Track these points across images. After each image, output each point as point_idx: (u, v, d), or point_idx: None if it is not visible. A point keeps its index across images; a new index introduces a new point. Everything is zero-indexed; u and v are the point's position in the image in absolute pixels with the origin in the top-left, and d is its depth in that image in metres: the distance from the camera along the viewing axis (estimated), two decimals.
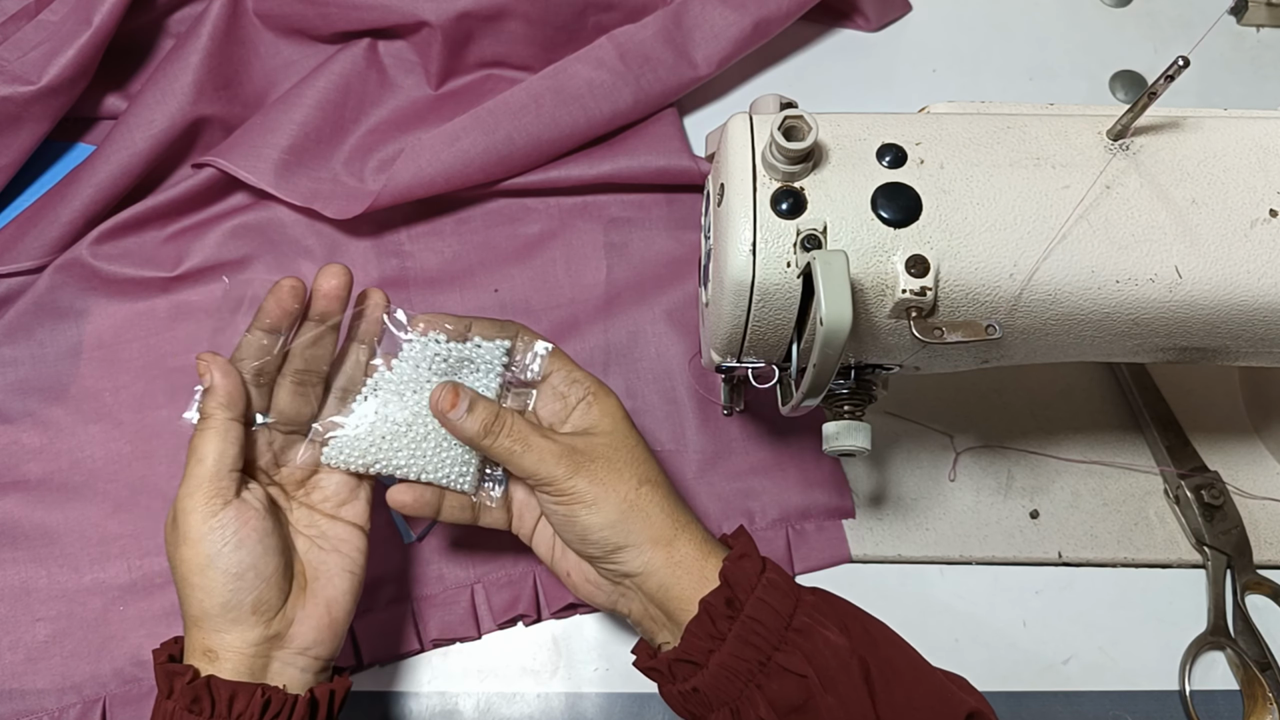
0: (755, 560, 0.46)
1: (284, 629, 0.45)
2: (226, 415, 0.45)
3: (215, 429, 0.44)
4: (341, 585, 0.47)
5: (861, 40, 0.75)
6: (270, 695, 0.43)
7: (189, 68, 0.62)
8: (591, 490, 0.46)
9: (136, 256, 0.61)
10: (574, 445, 0.47)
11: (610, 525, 0.46)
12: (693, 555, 0.46)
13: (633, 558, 0.46)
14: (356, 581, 0.48)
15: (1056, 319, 0.44)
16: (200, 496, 0.43)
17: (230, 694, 0.42)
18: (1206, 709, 0.56)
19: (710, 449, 0.61)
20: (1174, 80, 0.39)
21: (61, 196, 0.60)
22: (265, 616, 0.44)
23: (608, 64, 0.64)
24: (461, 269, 0.64)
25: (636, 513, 0.46)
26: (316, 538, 0.48)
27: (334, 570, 0.47)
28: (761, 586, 0.44)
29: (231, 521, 0.43)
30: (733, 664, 0.43)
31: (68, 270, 0.60)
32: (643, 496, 0.47)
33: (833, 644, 0.43)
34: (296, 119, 0.63)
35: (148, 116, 0.61)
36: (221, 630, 0.44)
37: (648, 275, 0.65)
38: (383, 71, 0.67)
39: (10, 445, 0.58)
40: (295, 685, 0.45)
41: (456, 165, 0.62)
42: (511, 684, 0.56)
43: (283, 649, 0.45)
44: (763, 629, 0.43)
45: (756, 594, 0.44)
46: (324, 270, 0.48)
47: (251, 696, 0.42)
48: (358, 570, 0.48)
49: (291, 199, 0.61)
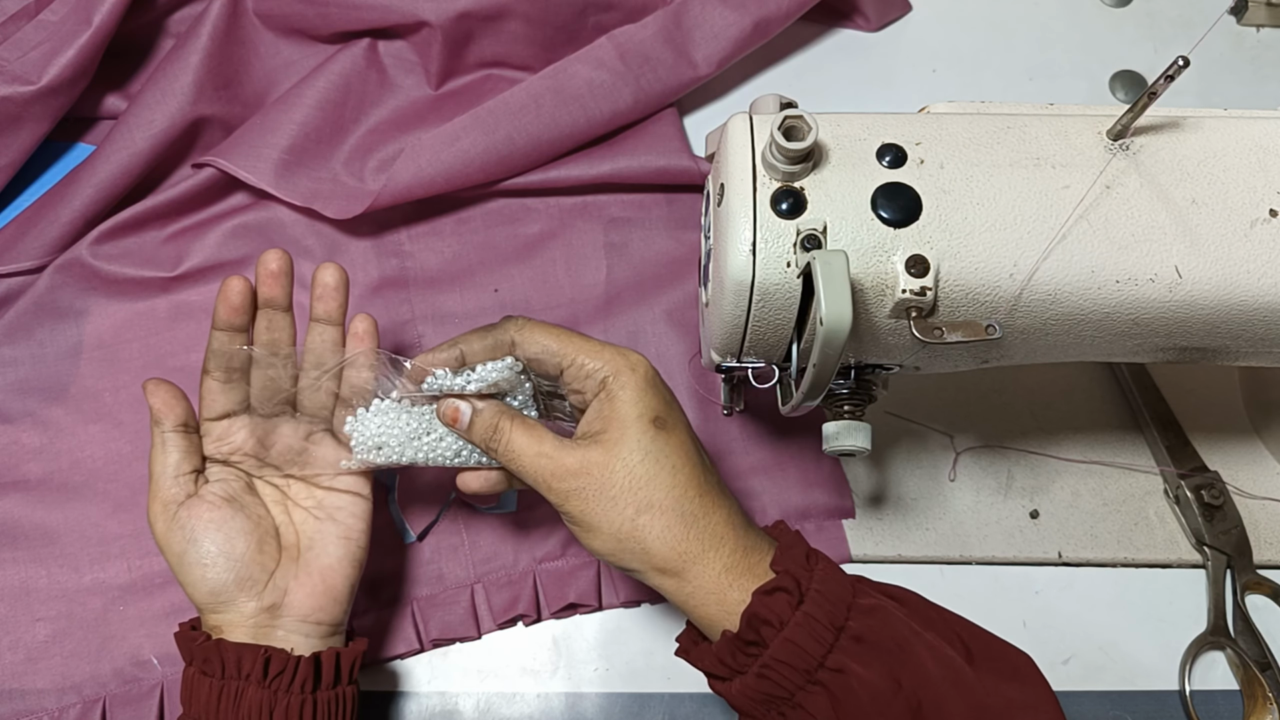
0: (791, 594, 0.41)
1: (278, 599, 0.48)
2: (161, 430, 0.48)
3: (156, 444, 0.48)
4: (335, 552, 0.49)
5: (861, 40, 0.75)
6: (272, 655, 0.46)
7: (189, 68, 0.62)
8: (585, 519, 0.44)
9: (136, 256, 0.61)
10: (571, 466, 0.44)
11: (609, 553, 0.44)
12: (710, 585, 0.43)
13: (643, 578, 0.44)
14: (354, 547, 0.50)
15: (1056, 319, 0.44)
16: (156, 505, 0.48)
17: (237, 655, 0.45)
18: (1206, 709, 0.56)
19: (710, 449, 0.61)
20: (1174, 80, 0.39)
21: (61, 196, 0.60)
22: (254, 590, 0.47)
23: (608, 64, 0.64)
24: (461, 269, 0.64)
25: (632, 544, 0.43)
26: (313, 508, 0.50)
27: (329, 538, 0.49)
28: (792, 625, 0.41)
29: (186, 520, 0.47)
30: (753, 694, 0.42)
31: (68, 270, 0.60)
32: (640, 528, 0.43)
33: (871, 686, 0.40)
34: (296, 119, 0.63)
35: (148, 116, 0.61)
36: (219, 611, 0.47)
37: (648, 275, 0.65)
38: (383, 71, 0.67)
39: (10, 445, 0.58)
40: (301, 650, 0.47)
41: (456, 165, 0.62)
42: (511, 684, 0.56)
43: (282, 618, 0.48)
44: (788, 669, 0.41)
45: (784, 634, 0.41)
46: (320, 268, 0.50)
47: (256, 656, 0.45)
48: (355, 536, 0.50)
49: (291, 199, 0.61)
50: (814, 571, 0.43)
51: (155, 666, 0.54)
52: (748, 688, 0.42)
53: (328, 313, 0.50)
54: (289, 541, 0.50)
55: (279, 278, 0.49)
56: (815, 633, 0.41)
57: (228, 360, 0.49)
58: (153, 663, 0.54)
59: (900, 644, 0.41)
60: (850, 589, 0.43)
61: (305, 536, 0.50)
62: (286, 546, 0.49)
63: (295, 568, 0.49)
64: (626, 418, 0.44)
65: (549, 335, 0.46)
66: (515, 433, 0.46)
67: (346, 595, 0.49)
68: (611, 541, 0.43)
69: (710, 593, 0.43)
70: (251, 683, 0.45)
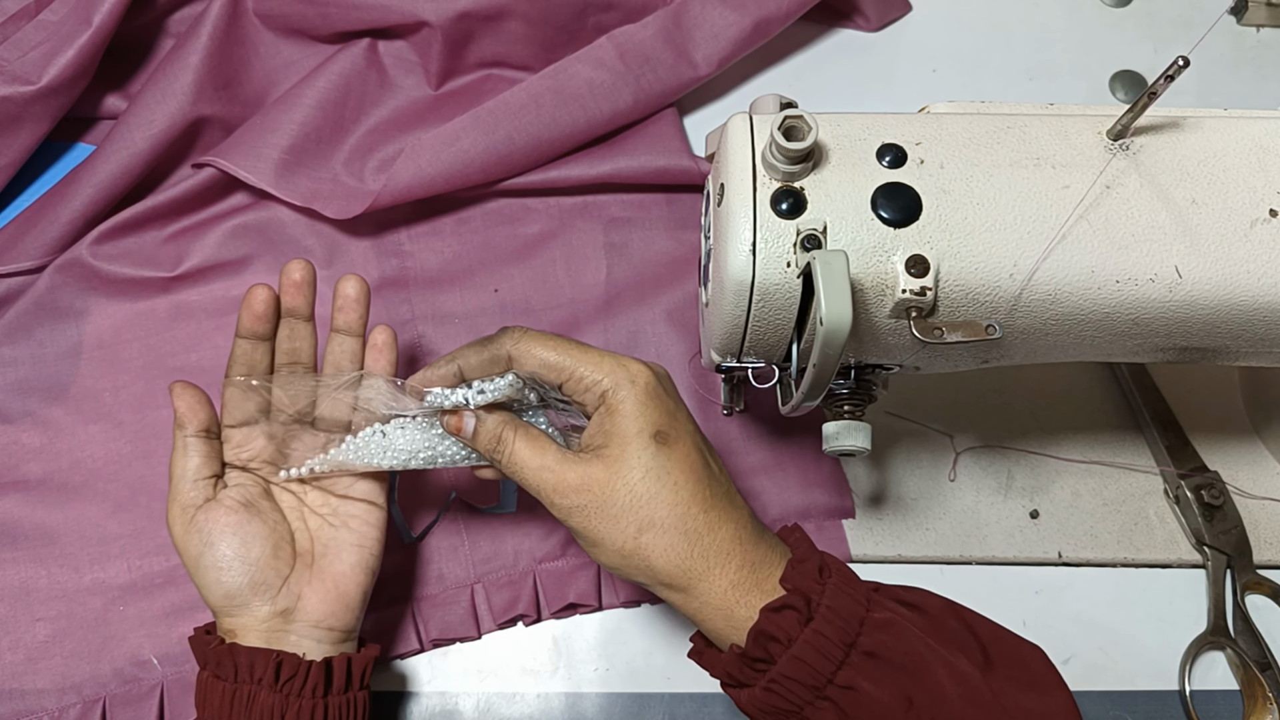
0: (800, 612, 0.41)
1: (292, 604, 0.48)
2: (183, 434, 0.49)
3: (178, 448, 0.49)
4: (349, 559, 0.50)
5: (861, 40, 0.75)
6: (284, 659, 0.46)
7: (189, 68, 0.62)
8: (588, 534, 0.44)
9: (136, 256, 0.61)
10: (573, 481, 0.43)
11: (615, 567, 0.44)
12: (717, 601, 0.42)
13: (651, 590, 0.44)
14: (367, 555, 0.50)
15: (1056, 319, 0.44)
16: (175, 509, 0.48)
17: (250, 660, 0.46)
18: (1206, 709, 0.56)
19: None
20: (1174, 80, 0.39)
21: (61, 196, 0.60)
22: (268, 595, 0.48)
23: (608, 64, 0.64)
24: (461, 269, 0.64)
25: (635, 561, 0.43)
26: (329, 515, 0.51)
27: (343, 545, 0.50)
28: (800, 643, 0.41)
29: (204, 524, 0.48)
30: (761, 706, 0.42)
31: (67, 270, 0.60)
32: (642, 546, 0.42)
33: (881, 704, 0.40)
34: (296, 119, 0.63)
35: (147, 116, 0.61)
36: (233, 614, 0.48)
37: (648, 275, 0.65)
38: (383, 71, 0.67)
39: (10, 445, 0.58)
40: (314, 655, 0.48)
41: (456, 165, 0.62)
42: (511, 684, 0.56)
43: (295, 622, 0.48)
44: (796, 685, 0.41)
45: (792, 651, 0.40)
46: (342, 280, 0.51)
47: (268, 661, 0.46)
48: (369, 544, 0.50)
49: (291, 199, 0.61)
50: (826, 586, 0.42)
51: (155, 667, 0.54)
52: (756, 699, 0.42)
53: (348, 324, 0.51)
54: (304, 547, 0.50)
55: (302, 288, 0.50)
56: (824, 650, 0.40)
57: (250, 368, 0.50)
58: (153, 663, 0.54)
59: (914, 660, 0.41)
60: (864, 602, 0.42)
61: (320, 543, 0.50)
62: (301, 552, 0.50)
63: (309, 573, 0.49)
64: (627, 433, 0.43)
65: (546, 347, 0.45)
66: (519, 444, 0.45)
67: (359, 602, 0.50)
68: (616, 557, 0.43)
69: (717, 609, 0.42)
70: (263, 687, 0.45)
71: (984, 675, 0.42)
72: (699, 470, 0.44)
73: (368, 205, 0.61)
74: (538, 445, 0.45)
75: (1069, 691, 0.43)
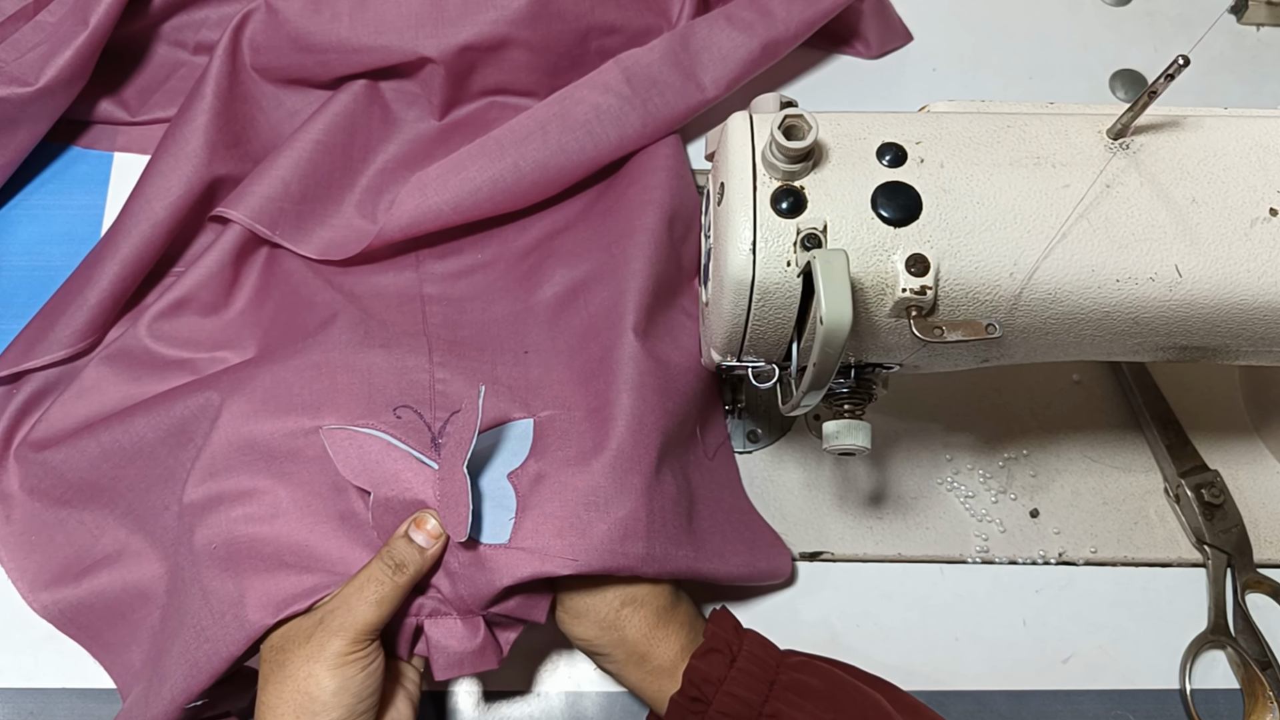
0: (723, 654, 0.47)
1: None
2: (399, 580, 0.46)
3: (400, 586, 0.46)
4: (405, 710, 0.48)
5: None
6: None
7: (198, 129, 0.60)
8: (573, 605, 0.49)
9: (183, 340, 0.59)
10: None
11: (588, 639, 0.49)
12: (668, 665, 0.48)
13: (607, 664, 0.50)
14: (414, 702, 0.48)
15: (1056, 318, 0.44)
16: (343, 642, 0.44)
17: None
18: (1207, 708, 0.56)
19: (711, 448, 0.60)
20: (1174, 79, 0.39)
21: (86, 279, 0.58)
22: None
23: (614, 88, 0.62)
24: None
25: (613, 633, 0.48)
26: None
27: (400, 700, 0.48)
28: (730, 679, 0.47)
29: (357, 674, 0.44)
30: None
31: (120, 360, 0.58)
32: (622, 619, 0.48)
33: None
34: (303, 165, 0.61)
35: (164, 184, 0.59)
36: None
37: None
38: (385, 107, 0.65)
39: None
40: None
41: (464, 194, 0.60)
42: (511, 684, 0.56)
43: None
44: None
45: (724, 688, 0.46)
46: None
47: None
48: (414, 696, 0.49)
49: (308, 254, 0.60)
50: (744, 638, 0.49)
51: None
52: None
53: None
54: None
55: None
56: (750, 685, 0.47)
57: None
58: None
59: (831, 688, 0.47)
60: (779, 652, 0.49)
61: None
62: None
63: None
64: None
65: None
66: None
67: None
68: (594, 629, 0.48)
69: (666, 672, 0.48)
70: None
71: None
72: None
73: (373, 239, 0.59)
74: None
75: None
